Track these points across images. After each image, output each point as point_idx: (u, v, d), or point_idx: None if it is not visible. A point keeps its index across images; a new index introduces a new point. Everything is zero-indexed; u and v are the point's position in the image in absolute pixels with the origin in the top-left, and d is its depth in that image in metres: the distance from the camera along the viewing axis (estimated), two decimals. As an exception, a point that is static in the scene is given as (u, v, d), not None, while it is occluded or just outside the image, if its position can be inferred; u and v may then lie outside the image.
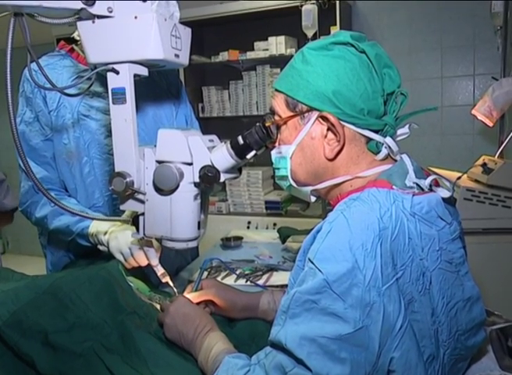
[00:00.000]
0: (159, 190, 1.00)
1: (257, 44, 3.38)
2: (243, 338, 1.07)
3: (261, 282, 1.50)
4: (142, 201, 1.03)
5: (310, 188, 0.91)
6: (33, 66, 1.35)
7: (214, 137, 1.04)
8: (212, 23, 3.51)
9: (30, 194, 1.36)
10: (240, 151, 0.96)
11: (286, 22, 3.20)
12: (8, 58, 0.94)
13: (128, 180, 0.98)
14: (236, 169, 1.03)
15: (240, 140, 0.95)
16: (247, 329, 1.10)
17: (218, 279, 1.53)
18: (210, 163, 0.97)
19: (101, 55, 0.98)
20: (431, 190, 0.81)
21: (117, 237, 1.21)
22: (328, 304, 0.69)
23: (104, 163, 1.37)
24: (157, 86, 1.47)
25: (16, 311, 0.92)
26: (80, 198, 1.38)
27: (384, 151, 0.85)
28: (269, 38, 3.27)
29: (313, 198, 0.94)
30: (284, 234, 1.96)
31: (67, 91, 1.09)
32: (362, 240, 0.70)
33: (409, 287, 0.72)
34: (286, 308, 0.74)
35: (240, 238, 2.00)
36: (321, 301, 0.70)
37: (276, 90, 0.90)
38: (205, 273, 1.56)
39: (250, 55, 3.38)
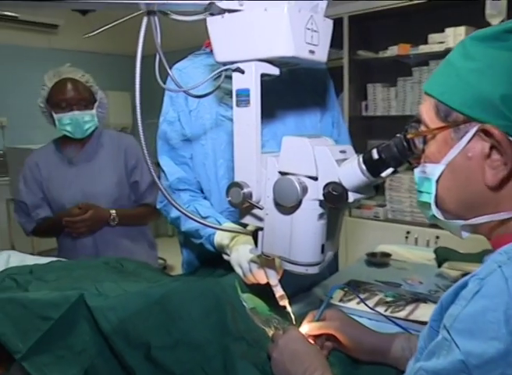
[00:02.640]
0: (279, 205, 0.88)
1: (432, 37, 3.04)
2: (368, 385, 0.90)
3: (403, 314, 1.28)
4: (260, 216, 0.92)
5: (461, 223, 0.69)
6: (178, 65, 1.36)
7: (348, 147, 0.89)
8: (381, 16, 3.26)
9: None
10: (373, 168, 0.78)
11: (466, 10, 2.80)
12: (139, 58, 0.91)
13: (245, 191, 0.89)
14: (372, 188, 0.86)
15: (375, 154, 0.77)
16: (374, 375, 0.93)
17: (354, 302, 1.37)
18: (337, 179, 0.82)
19: (228, 53, 0.91)
20: None
21: (238, 249, 1.13)
22: (465, 398, 0.49)
23: (238, 167, 1.30)
24: (301, 85, 1.35)
25: (124, 318, 0.90)
26: (213, 200, 1.35)
27: None
28: (446, 29, 2.92)
29: (465, 234, 0.71)
30: (441, 257, 1.68)
31: (204, 91, 1.04)
32: None
33: None
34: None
35: (387, 255, 1.78)
36: (453, 392, 0.50)
37: (426, 93, 0.71)
38: (341, 293, 1.41)
39: (423, 48, 3.07)
